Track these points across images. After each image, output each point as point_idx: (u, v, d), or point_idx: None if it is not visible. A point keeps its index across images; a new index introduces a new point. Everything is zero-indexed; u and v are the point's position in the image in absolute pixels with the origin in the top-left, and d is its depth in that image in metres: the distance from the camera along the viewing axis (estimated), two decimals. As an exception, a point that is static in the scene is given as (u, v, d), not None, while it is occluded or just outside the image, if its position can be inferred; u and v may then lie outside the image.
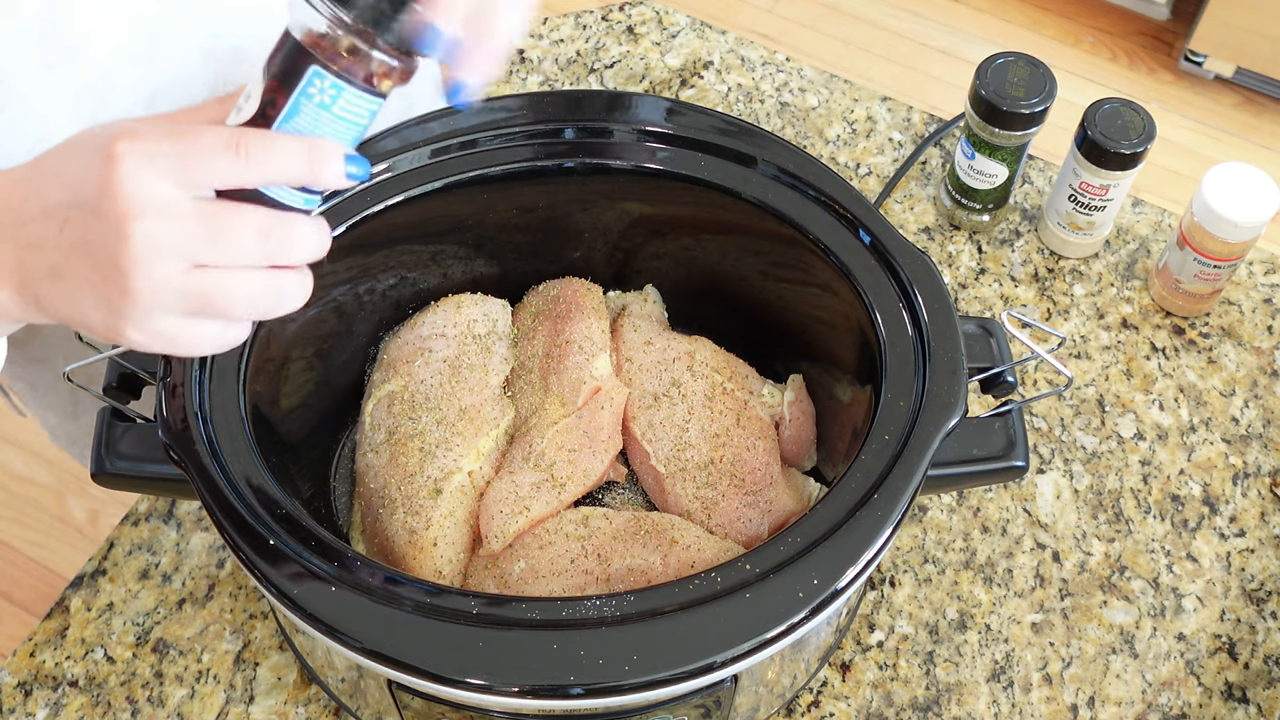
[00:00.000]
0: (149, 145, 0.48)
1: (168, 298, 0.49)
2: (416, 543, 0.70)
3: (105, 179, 0.48)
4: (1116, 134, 0.88)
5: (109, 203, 0.48)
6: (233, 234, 0.49)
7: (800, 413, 0.78)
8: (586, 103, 0.77)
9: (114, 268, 0.48)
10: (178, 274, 0.48)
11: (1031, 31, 2.28)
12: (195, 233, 0.48)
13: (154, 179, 0.48)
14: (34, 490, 1.72)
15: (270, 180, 0.49)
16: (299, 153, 0.50)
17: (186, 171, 0.48)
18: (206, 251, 0.49)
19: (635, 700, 0.58)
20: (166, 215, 0.48)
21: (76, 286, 0.50)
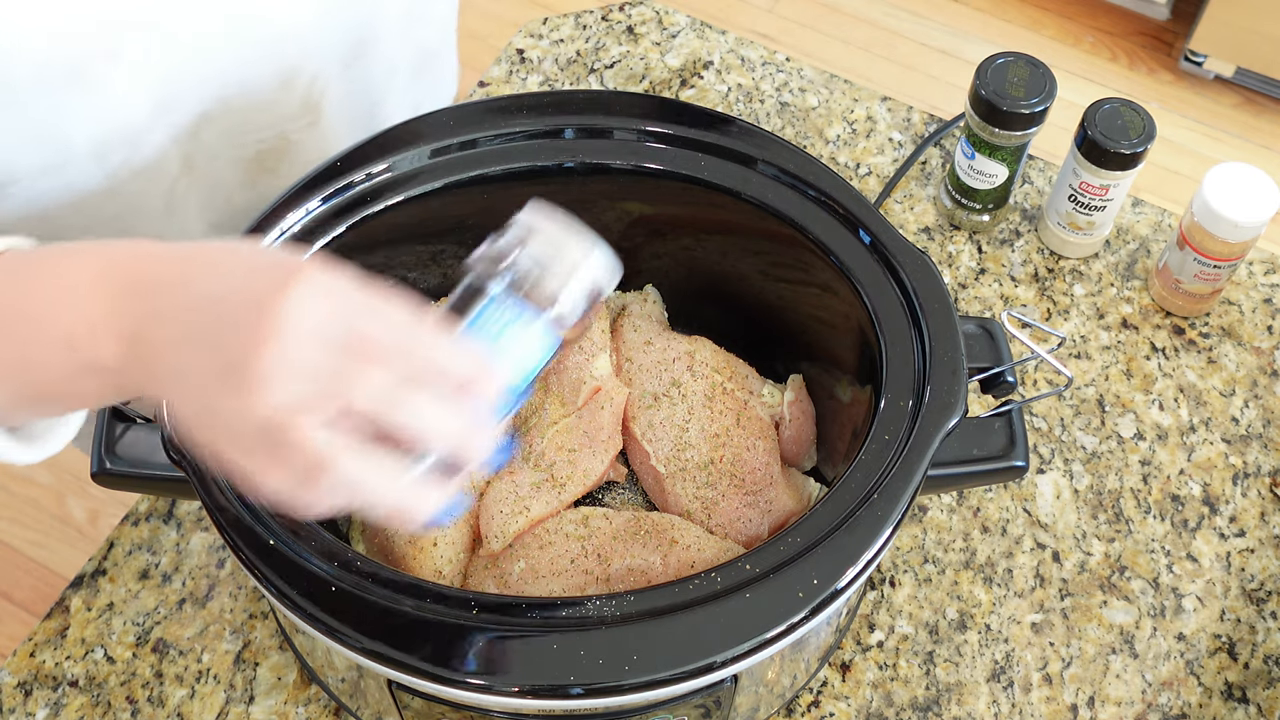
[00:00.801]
0: (337, 284, 0.47)
1: (257, 422, 0.46)
2: (416, 543, 0.70)
3: (278, 290, 0.46)
4: (1116, 134, 0.88)
5: (265, 313, 0.45)
6: (354, 382, 0.46)
7: (800, 413, 0.78)
8: (586, 103, 0.77)
9: (231, 369, 0.45)
10: (274, 403, 0.45)
11: (1031, 31, 2.28)
12: (319, 371, 0.46)
13: (321, 313, 0.46)
14: (34, 490, 1.72)
15: (434, 370, 0.48)
16: (469, 360, 0.48)
17: (358, 319, 0.46)
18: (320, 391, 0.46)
19: (635, 700, 0.58)
20: (310, 347, 0.45)
21: (188, 368, 0.47)
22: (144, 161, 0.74)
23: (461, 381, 0.48)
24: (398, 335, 0.47)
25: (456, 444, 0.48)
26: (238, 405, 0.45)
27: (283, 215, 0.70)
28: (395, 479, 0.47)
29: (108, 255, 0.51)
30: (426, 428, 0.47)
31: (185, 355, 0.47)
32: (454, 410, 0.47)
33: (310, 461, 0.45)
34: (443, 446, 0.48)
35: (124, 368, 0.49)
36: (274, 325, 0.45)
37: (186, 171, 0.78)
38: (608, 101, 0.77)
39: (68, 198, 0.72)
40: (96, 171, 0.72)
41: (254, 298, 0.46)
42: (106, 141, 0.71)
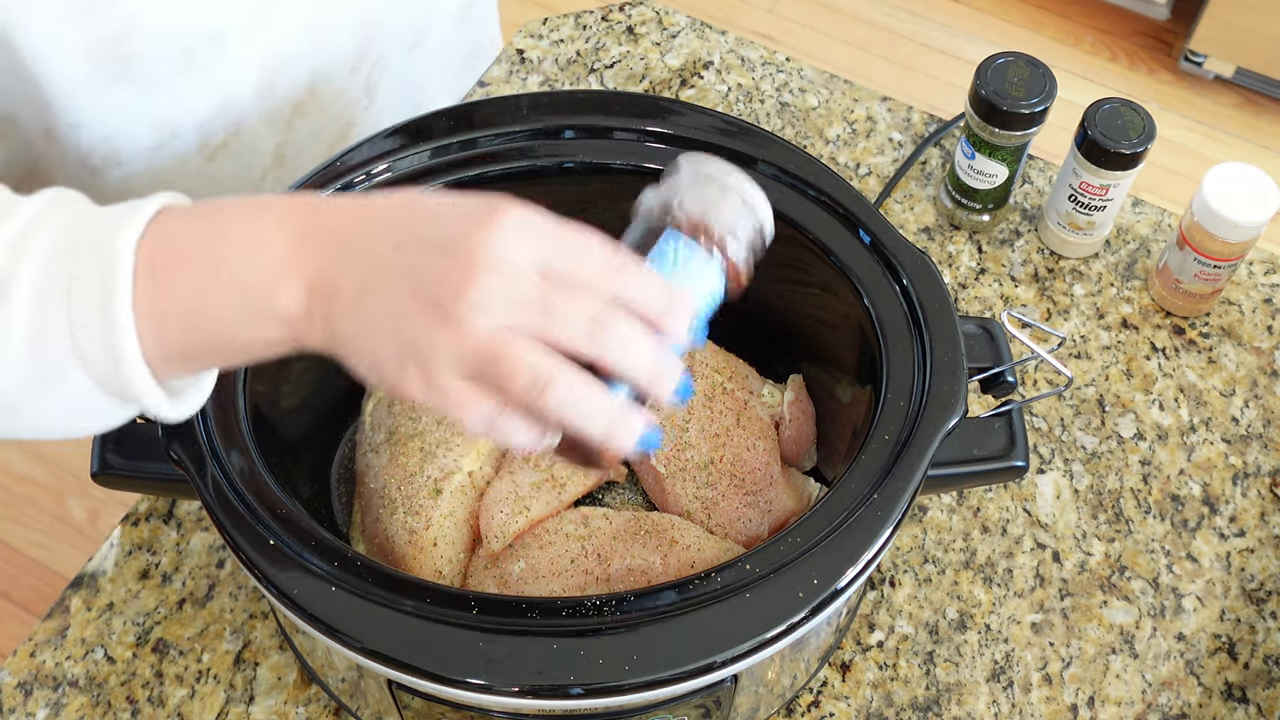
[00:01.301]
0: (536, 220, 0.48)
1: (468, 351, 0.46)
2: (416, 543, 0.70)
3: (480, 226, 0.47)
4: (1116, 134, 0.88)
5: (471, 247, 0.46)
6: (564, 311, 0.47)
7: (800, 413, 0.78)
8: (586, 103, 0.77)
9: (436, 304, 0.46)
10: (488, 329, 0.46)
11: (1031, 31, 2.28)
12: (530, 300, 0.47)
13: (524, 247, 0.47)
14: (34, 490, 1.72)
15: (631, 300, 0.49)
16: (663, 290, 0.49)
17: (559, 254, 0.48)
18: (532, 320, 0.47)
19: (635, 700, 0.58)
20: (515, 279, 0.47)
21: (381, 312, 0.47)
22: (243, 147, 0.76)
23: (657, 313, 0.49)
24: (597, 268, 0.48)
25: (651, 373, 0.49)
26: (447, 337, 0.46)
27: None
28: (609, 399, 0.48)
29: (288, 204, 0.51)
30: (626, 356, 0.48)
31: (377, 299, 0.47)
32: (650, 340, 0.49)
33: (531, 380, 0.46)
34: (639, 375, 0.49)
35: (303, 315, 0.49)
36: (481, 258, 0.46)
37: (277, 164, 0.80)
38: (608, 101, 0.77)
39: (168, 182, 0.73)
40: (198, 156, 0.74)
41: (455, 236, 0.47)
42: (210, 124, 0.73)
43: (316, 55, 0.77)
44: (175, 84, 0.69)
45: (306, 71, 0.77)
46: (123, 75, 0.67)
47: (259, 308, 0.49)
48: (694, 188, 0.54)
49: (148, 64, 0.67)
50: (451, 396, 0.47)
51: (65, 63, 0.65)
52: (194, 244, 0.50)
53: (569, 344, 0.47)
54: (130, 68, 0.67)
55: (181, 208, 0.51)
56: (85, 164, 0.72)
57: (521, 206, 0.48)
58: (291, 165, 0.81)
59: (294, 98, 0.77)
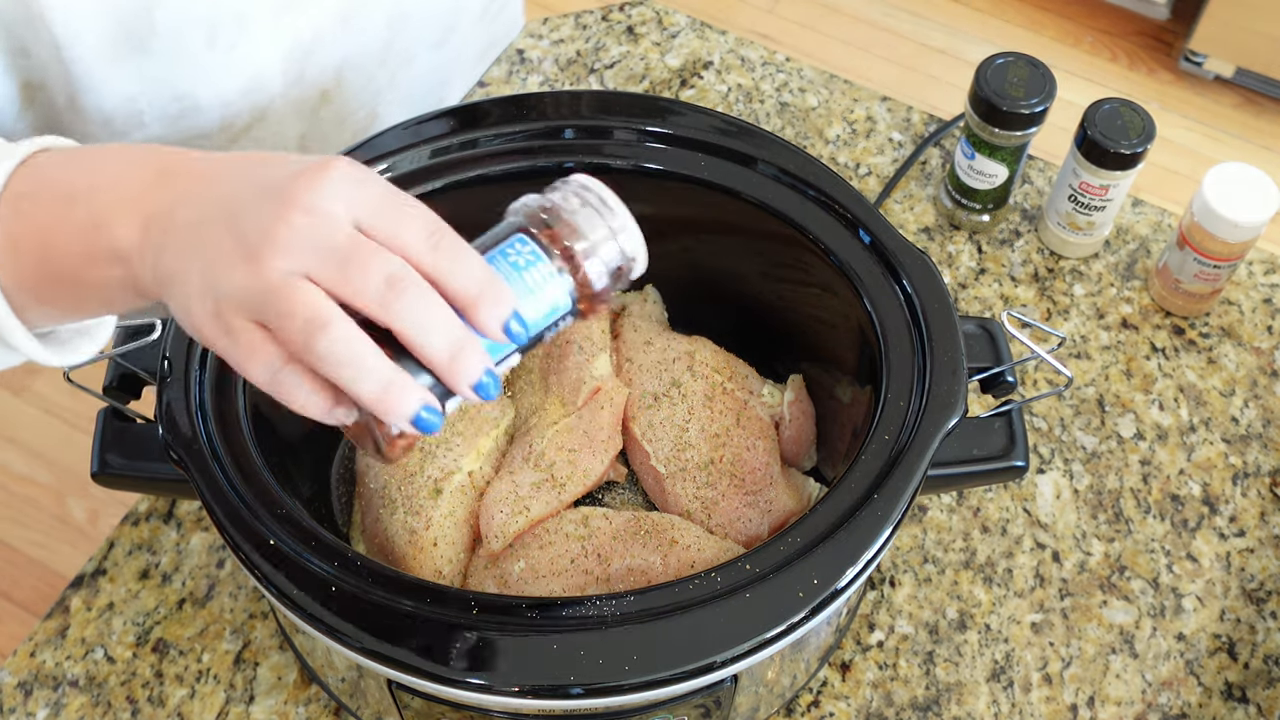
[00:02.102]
0: (366, 176, 0.47)
1: (257, 290, 0.45)
2: (416, 543, 0.70)
3: (308, 172, 0.46)
4: (1116, 134, 0.88)
5: (294, 190, 0.46)
6: (364, 265, 0.45)
7: (800, 413, 0.78)
8: (586, 103, 0.77)
9: (245, 242, 0.45)
10: (283, 271, 0.45)
11: (1031, 32, 2.28)
12: (334, 248, 0.45)
13: (344, 199, 0.46)
14: (34, 490, 1.72)
15: (442, 275, 0.47)
16: (482, 273, 0.47)
17: (379, 214, 0.46)
18: (329, 269, 0.45)
19: (635, 700, 0.58)
20: (326, 226, 0.45)
21: (199, 246, 0.46)
22: (268, 134, 0.77)
23: (468, 297, 0.47)
24: (415, 235, 0.47)
25: (447, 354, 0.47)
26: (246, 273, 0.45)
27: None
28: (384, 362, 0.46)
29: (157, 151, 0.51)
30: (417, 327, 0.46)
31: (203, 233, 0.47)
32: (451, 320, 0.47)
33: (305, 323, 0.44)
34: (431, 351, 0.46)
35: (136, 251, 0.48)
36: (298, 201, 0.45)
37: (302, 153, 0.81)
38: (608, 101, 0.77)
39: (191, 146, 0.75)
40: (220, 134, 0.75)
41: (283, 179, 0.46)
42: (234, 105, 0.74)
43: (346, 45, 0.78)
44: (199, 60, 0.71)
45: (335, 61, 0.78)
46: (145, 47, 0.68)
47: (99, 242, 0.49)
48: (567, 201, 0.53)
49: (170, 39, 0.69)
50: (239, 339, 0.46)
51: (90, 33, 0.66)
52: (61, 179, 0.50)
53: (358, 300, 0.45)
54: (153, 40, 0.68)
55: (63, 149, 0.52)
56: (109, 126, 0.73)
57: (358, 164, 0.47)
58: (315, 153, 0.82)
59: (321, 85, 0.79)
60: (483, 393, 0.48)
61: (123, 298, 0.51)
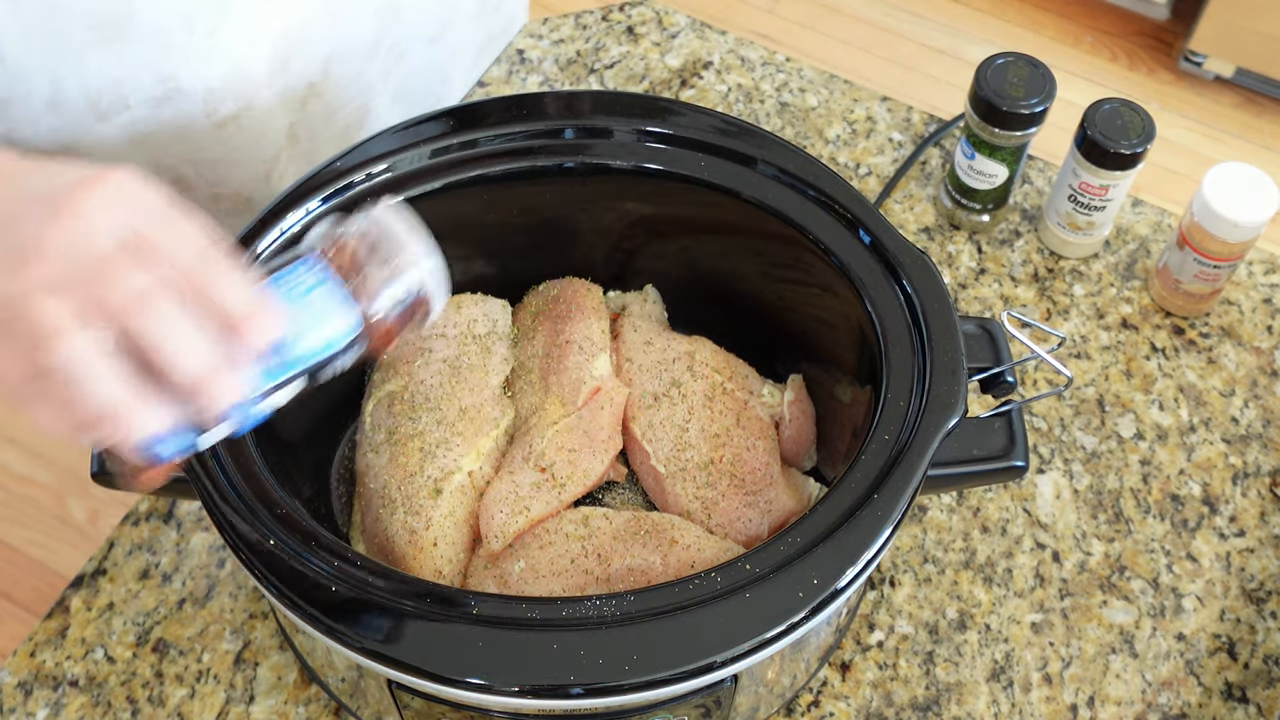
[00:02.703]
0: (143, 190, 0.45)
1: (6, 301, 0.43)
2: (416, 543, 0.70)
3: (84, 182, 0.45)
4: (1116, 134, 0.88)
5: (68, 199, 0.44)
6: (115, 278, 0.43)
7: (800, 413, 0.78)
8: (586, 103, 0.77)
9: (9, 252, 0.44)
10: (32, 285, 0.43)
11: (1031, 32, 2.28)
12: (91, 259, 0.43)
13: (115, 210, 0.44)
14: (34, 490, 1.72)
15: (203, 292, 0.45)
16: (245, 293, 0.45)
17: (149, 227, 0.45)
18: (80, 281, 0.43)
19: (635, 700, 0.58)
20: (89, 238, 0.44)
21: None
22: (254, 121, 0.78)
23: (231, 316, 0.45)
24: (182, 249, 0.45)
25: (195, 373, 0.44)
26: (4, 280, 0.43)
27: (283, 215, 0.70)
28: (118, 379, 0.43)
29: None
30: (166, 343, 0.44)
31: None
32: (208, 339, 0.44)
33: (39, 334, 0.42)
34: (180, 369, 0.44)
35: None
36: (67, 209, 0.44)
37: (291, 143, 0.81)
38: (608, 101, 0.77)
39: (176, 132, 0.75)
40: (204, 120, 0.76)
41: (63, 186, 0.45)
42: (217, 91, 0.75)
43: (334, 38, 0.79)
44: (179, 44, 0.71)
45: (322, 53, 0.79)
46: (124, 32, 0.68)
47: None
48: (365, 231, 0.51)
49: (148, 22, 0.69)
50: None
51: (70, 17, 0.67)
52: None
53: (108, 313, 0.43)
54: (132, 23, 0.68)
55: None
56: (95, 109, 0.73)
57: (139, 176, 0.46)
58: (305, 145, 0.83)
59: (309, 77, 0.79)
60: (241, 420, 0.46)
61: None
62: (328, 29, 0.78)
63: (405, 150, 0.73)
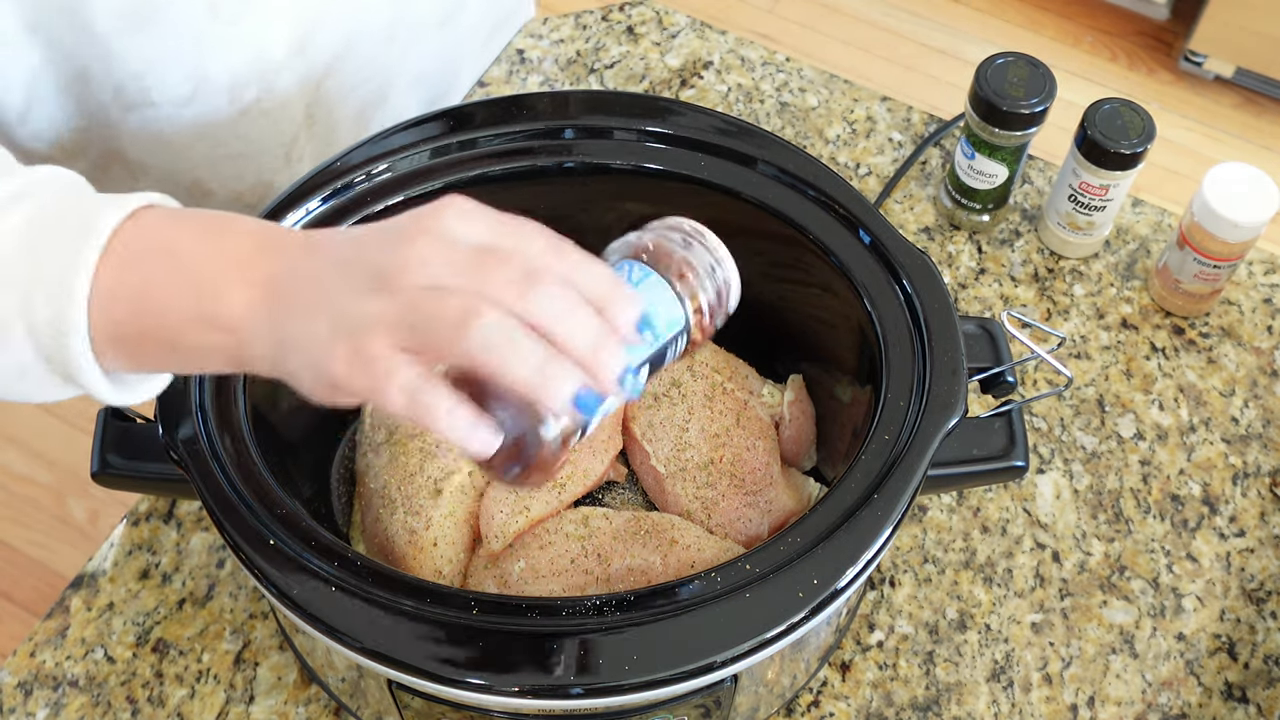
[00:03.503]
0: (479, 206, 0.48)
1: (397, 311, 0.45)
2: (416, 543, 0.70)
3: (426, 213, 0.48)
4: (1116, 134, 0.88)
5: (417, 225, 0.47)
6: (499, 266, 0.46)
7: (800, 413, 0.78)
8: (586, 103, 0.77)
9: (376, 275, 0.46)
10: (423, 287, 0.45)
11: (1031, 32, 2.28)
12: (465, 259, 0.46)
13: (463, 224, 0.47)
14: (34, 490, 1.72)
15: (572, 277, 0.47)
16: (609, 275, 0.48)
17: (500, 233, 0.47)
18: (466, 275, 0.46)
19: (635, 700, 0.58)
20: (453, 247, 0.46)
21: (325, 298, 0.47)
22: (274, 104, 0.79)
23: (600, 295, 0.48)
24: (541, 245, 0.48)
25: (589, 346, 0.47)
26: (383, 300, 0.46)
27: (283, 215, 0.70)
28: (538, 342, 0.46)
29: (258, 222, 0.51)
30: (558, 320, 0.46)
31: (325, 287, 0.47)
32: (590, 314, 0.47)
33: (461, 313, 0.45)
34: (574, 343, 0.47)
35: (248, 318, 0.48)
36: (423, 229, 0.47)
37: (307, 124, 0.82)
38: (608, 101, 0.77)
39: (199, 128, 0.76)
40: (229, 108, 0.77)
41: (403, 224, 0.48)
42: (241, 77, 0.75)
43: (350, 20, 0.80)
44: (203, 32, 0.72)
45: (339, 35, 0.80)
46: (151, 20, 0.69)
47: (205, 308, 0.49)
48: (663, 233, 0.55)
49: (174, 12, 0.70)
50: (376, 367, 0.46)
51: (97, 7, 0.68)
52: (165, 238, 0.50)
53: (499, 296, 0.46)
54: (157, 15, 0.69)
55: (166, 208, 0.52)
56: (119, 100, 0.74)
57: (471, 199, 0.49)
58: (322, 126, 0.84)
59: (325, 58, 0.80)
60: (628, 387, 0.49)
61: (218, 363, 0.51)
62: (343, 9, 0.79)
63: (405, 150, 0.73)
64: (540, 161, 0.74)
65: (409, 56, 0.89)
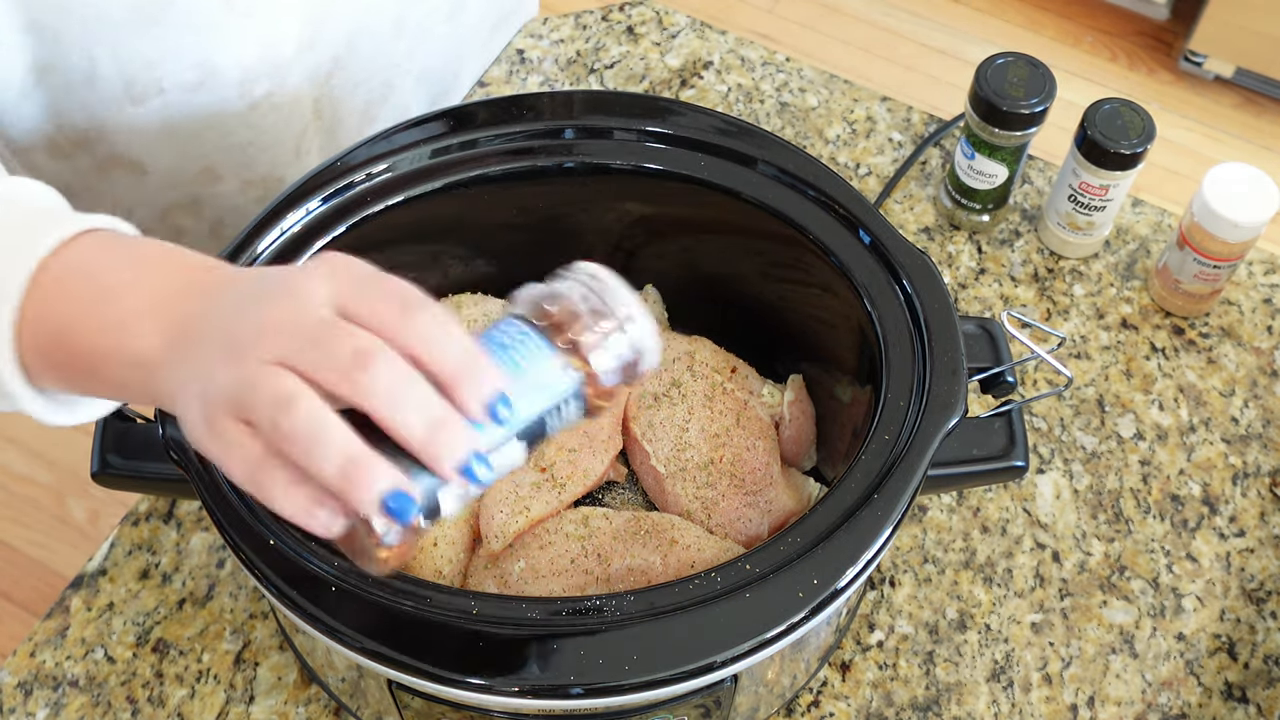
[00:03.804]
0: (352, 262, 0.47)
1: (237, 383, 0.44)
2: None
3: (293, 271, 0.47)
4: (1116, 134, 0.88)
5: (278, 286, 0.46)
6: (332, 341, 0.44)
7: (800, 413, 0.78)
8: (586, 103, 0.77)
9: (231, 342, 0.45)
10: (260, 361, 0.44)
11: (1031, 32, 2.28)
12: (308, 331, 0.45)
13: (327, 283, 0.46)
14: (34, 490, 1.72)
15: (419, 349, 0.45)
16: (463, 348, 0.45)
17: (359, 293, 0.46)
18: (301, 350, 0.44)
19: (635, 700, 0.58)
20: (305, 312, 0.45)
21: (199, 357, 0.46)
22: (285, 99, 0.79)
23: (448, 371, 0.45)
24: (394, 308, 0.46)
25: (426, 431, 0.44)
26: (229, 371, 0.45)
27: (283, 215, 0.70)
28: (345, 435, 0.44)
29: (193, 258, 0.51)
30: (393, 401, 0.44)
31: (204, 346, 0.46)
32: (428, 395, 0.45)
33: (274, 398, 0.43)
34: (405, 428, 0.44)
35: (158, 361, 0.48)
36: (282, 291, 0.45)
37: (316, 117, 0.83)
38: (608, 101, 0.77)
39: (208, 119, 0.77)
40: (239, 101, 0.77)
41: (278, 277, 0.47)
42: (252, 71, 0.76)
43: (357, 12, 0.80)
44: (215, 23, 0.72)
45: (346, 27, 0.80)
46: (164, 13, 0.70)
47: (122, 344, 0.49)
48: (571, 290, 0.50)
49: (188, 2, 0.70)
50: (222, 438, 0.45)
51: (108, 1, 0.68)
52: (97, 268, 0.50)
53: (326, 375, 0.44)
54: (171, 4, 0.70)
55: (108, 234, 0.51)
56: (129, 92, 0.74)
57: (348, 256, 0.47)
58: (329, 120, 0.85)
59: (333, 52, 0.81)
60: (470, 476, 0.46)
61: (135, 396, 0.51)
62: (351, 3, 0.79)
63: (405, 150, 0.73)
64: (540, 161, 0.74)
65: (415, 52, 0.89)
